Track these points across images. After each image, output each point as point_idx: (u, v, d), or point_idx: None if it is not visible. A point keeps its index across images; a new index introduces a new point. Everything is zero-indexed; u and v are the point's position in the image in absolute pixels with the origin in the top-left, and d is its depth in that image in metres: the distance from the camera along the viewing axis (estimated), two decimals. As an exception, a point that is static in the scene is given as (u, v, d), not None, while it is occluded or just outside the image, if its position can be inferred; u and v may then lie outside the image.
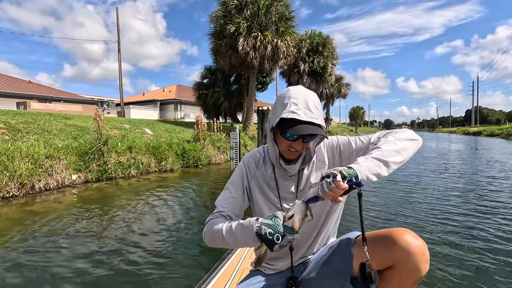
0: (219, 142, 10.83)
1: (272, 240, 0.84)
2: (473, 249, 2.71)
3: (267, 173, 1.12)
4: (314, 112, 0.95)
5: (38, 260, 2.68)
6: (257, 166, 1.14)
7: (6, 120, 7.40)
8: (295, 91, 0.99)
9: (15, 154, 5.26)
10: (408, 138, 0.98)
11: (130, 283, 2.28)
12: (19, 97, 21.18)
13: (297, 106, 0.94)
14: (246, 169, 1.15)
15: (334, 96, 33.65)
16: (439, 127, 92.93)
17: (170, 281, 2.31)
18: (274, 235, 0.84)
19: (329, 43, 21.65)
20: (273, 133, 1.03)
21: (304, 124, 0.93)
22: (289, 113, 0.94)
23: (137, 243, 3.07)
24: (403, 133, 1.01)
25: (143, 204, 4.66)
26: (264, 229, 0.86)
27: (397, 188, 5.54)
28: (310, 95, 0.99)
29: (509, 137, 26.62)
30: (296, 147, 0.98)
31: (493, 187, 5.41)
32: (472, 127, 49.87)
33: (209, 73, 19.09)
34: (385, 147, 0.92)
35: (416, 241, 0.86)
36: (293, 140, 0.97)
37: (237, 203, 1.10)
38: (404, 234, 0.88)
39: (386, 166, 0.88)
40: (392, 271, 0.90)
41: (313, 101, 0.97)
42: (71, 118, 9.77)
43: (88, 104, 24.56)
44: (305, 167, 1.09)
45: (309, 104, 0.95)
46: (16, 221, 3.80)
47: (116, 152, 7.10)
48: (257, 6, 12.85)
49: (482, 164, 8.99)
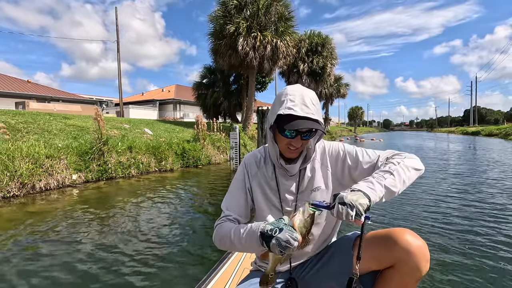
0: (218, 142, 10.85)
1: (270, 235, 0.84)
2: (473, 248, 2.73)
3: (268, 173, 1.11)
4: (311, 108, 0.95)
5: (39, 259, 2.69)
6: (258, 167, 1.13)
7: (6, 119, 7.40)
8: (292, 89, 0.99)
9: (15, 154, 5.27)
10: (415, 167, 0.97)
11: (130, 282, 2.28)
12: (18, 97, 21.12)
13: (294, 102, 0.94)
14: (247, 170, 1.14)
15: (333, 96, 33.69)
16: (437, 127, 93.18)
17: (170, 280, 2.31)
18: (273, 230, 0.85)
19: (328, 43, 21.70)
20: (272, 132, 1.03)
21: (301, 119, 0.93)
22: (285, 109, 0.94)
23: (138, 242, 3.08)
24: (412, 160, 0.98)
25: (144, 204, 4.68)
26: (266, 227, 0.87)
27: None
28: (307, 92, 0.99)
29: (507, 137, 26.72)
30: (295, 145, 0.98)
31: (494, 188, 5.44)
32: (471, 127, 50.04)
33: (209, 73, 19.10)
34: (398, 176, 0.90)
35: (416, 241, 0.87)
36: (292, 137, 0.97)
37: (241, 205, 1.10)
38: (404, 234, 0.89)
39: (392, 195, 0.89)
40: (393, 271, 0.91)
41: (310, 98, 0.97)
42: (71, 118, 9.77)
43: (87, 104, 24.50)
44: (307, 167, 1.08)
45: (306, 100, 0.95)
46: (16, 221, 3.81)
47: (116, 152, 7.11)
48: (256, 6, 12.88)
49: (482, 164, 9.04)
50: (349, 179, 1.07)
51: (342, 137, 35.00)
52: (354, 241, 1.06)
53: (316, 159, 1.09)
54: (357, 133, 54.53)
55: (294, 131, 0.95)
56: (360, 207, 0.78)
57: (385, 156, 1.02)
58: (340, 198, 0.80)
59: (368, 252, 0.94)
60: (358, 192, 0.81)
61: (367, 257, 0.94)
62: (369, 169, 1.02)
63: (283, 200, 1.09)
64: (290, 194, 1.09)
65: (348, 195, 0.80)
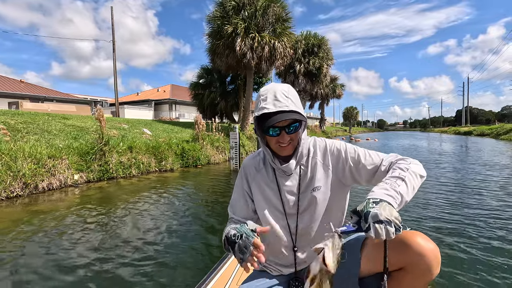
0: (217, 142, 10.91)
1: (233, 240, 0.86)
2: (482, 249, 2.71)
3: (269, 175, 1.11)
4: (282, 101, 0.94)
5: (41, 257, 2.72)
6: (257, 169, 1.14)
7: (5, 120, 7.36)
8: (263, 89, 1.00)
9: (18, 154, 5.27)
10: (421, 174, 0.94)
11: (130, 282, 2.28)
12: (11, 96, 20.83)
13: (266, 101, 0.95)
14: (245, 174, 1.16)
15: (329, 96, 33.97)
16: (430, 127, 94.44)
17: (170, 280, 2.30)
18: (236, 235, 0.87)
19: (325, 44, 21.91)
20: (260, 136, 1.04)
21: (276, 114, 0.93)
22: (259, 110, 0.96)
23: (138, 242, 3.08)
24: (418, 167, 0.94)
25: (145, 203, 4.71)
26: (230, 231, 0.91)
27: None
28: (279, 87, 0.99)
29: (498, 136, 27.27)
30: (283, 141, 0.98)
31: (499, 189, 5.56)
32: (463, 127, 50.83)
33: (205, 73, 19.11)
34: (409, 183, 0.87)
35: (428, 244, 0.87)
36: (277, 135, 0.97)
37: (242, 208, 1.14)
38: (416, 237, 0.88)
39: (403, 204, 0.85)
40: (404, 273, 0.91)
41: (281, 91, 0.96)
42: (70, 118, 9.74)
43: (82, 104, 24.29)
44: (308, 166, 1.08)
45: (277, 95, 0.95)
46: (20, 221, 3.83)
47: (117, 152, 7.12)
48: (254, 7, 12.96)
49: (482, 165, 9.24)
50: (350, 179, 1.06)
51: (337, 137, 35.31)
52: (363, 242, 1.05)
53: (317, 158, 1.08)
54: (351, 133, 55.00)
55: (278, 128, 0.96)
56: (397, 221, 0.73)
57: (389, 160, 1.00)
58: (374, 217, 0.73)
59: (378, 254, 0.94)
60: (383, 203, 0.76)
61: (377, 259, 0.94)
62: (372, 171, 1.01)
63: (284, 202, 1.08)
64: (291, 195, 1.08)
65: (381, 211, 0.73)
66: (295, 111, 0.95)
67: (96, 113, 6.89)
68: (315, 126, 31.53)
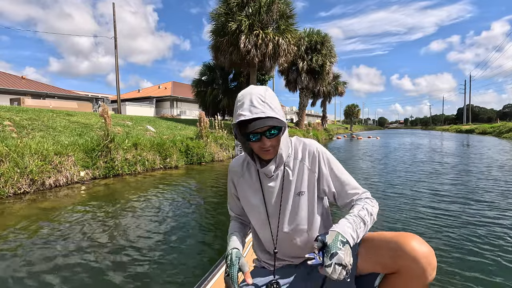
0: (221, 139, 10.89)
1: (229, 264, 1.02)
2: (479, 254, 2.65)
3: (252, 177, 1.13)
4: (258, 106, 0.92)
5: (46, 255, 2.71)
6: (242, 171, 1.15)
7: (10, 116, 7.34)
8: (240, 94, 0.98)
9: (25, 151, 5.25)
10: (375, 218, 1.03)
11: (130, 281, 2.26)
12: (13, 93, 20.80)
13: (242, 108, 0.93)
14: (231, 177, 1.19)
15: (331, 94, 33.90)
16: (432, 125, 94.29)
17: (170, 279, 2.29)
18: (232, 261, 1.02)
19: (328, 41, 21.78)
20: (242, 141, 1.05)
21: (254, 121, 0.92)
22: (236, 117, 0.94)
23: (139, 241, 3.06)
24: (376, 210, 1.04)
25: (150, 201, 4.69)
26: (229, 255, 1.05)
27: (396, 191, 5.67)
28: (256, 91, 0.96)
29: (500, 135, 27.19)
30: (264, 146, 0.97)
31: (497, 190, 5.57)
32: (464, 125, 50.75)
33: (208, 70, 19.08)
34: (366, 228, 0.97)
35: (423, 248, 0.84)
36: (257, 140, 0.96)
37: (235, 207, 1.25)
38: (411, 240, 0.86)
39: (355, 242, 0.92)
40: (399, 277, 0.89)
41: (257, 96, 0.94)
42: (74, 115, 9.72)
43: (83, 101, 24.28)
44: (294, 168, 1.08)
45: (253, 101, 0.93)
46: (27, 217, 3.81)
47: (122, 149, 7.11)
48: (258, 3, 12.89)
49: (482, 165, 9.22)
50: (328, 192, 1.08)
51: (339, 135, 35.25)
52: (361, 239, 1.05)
53: (305, 163, 1.08)
54: (353, 131, 54.94)
55: (257, 133, 0.95)
56: (350, 267, 0.84)
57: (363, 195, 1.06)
58: (338, 259, 0.82)
59: (372, 256, 0.94)
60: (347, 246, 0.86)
61: (372, 261, 0.95)
62: (349, 196, 1.06)
63: (267, 202, 1.10)
64: (273, 196, 1.09)
65: (345, 256, 0.83)
66: (272, 117, 0.93)
67: (99, 110, 6.86)
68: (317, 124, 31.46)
